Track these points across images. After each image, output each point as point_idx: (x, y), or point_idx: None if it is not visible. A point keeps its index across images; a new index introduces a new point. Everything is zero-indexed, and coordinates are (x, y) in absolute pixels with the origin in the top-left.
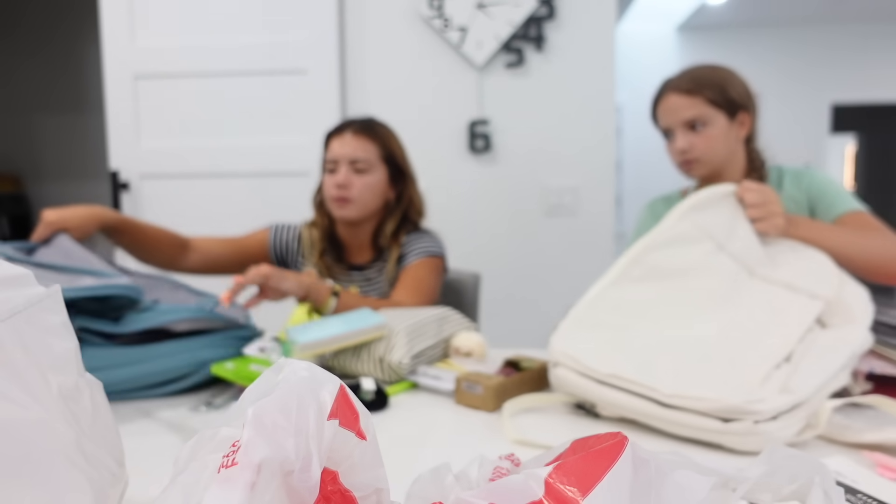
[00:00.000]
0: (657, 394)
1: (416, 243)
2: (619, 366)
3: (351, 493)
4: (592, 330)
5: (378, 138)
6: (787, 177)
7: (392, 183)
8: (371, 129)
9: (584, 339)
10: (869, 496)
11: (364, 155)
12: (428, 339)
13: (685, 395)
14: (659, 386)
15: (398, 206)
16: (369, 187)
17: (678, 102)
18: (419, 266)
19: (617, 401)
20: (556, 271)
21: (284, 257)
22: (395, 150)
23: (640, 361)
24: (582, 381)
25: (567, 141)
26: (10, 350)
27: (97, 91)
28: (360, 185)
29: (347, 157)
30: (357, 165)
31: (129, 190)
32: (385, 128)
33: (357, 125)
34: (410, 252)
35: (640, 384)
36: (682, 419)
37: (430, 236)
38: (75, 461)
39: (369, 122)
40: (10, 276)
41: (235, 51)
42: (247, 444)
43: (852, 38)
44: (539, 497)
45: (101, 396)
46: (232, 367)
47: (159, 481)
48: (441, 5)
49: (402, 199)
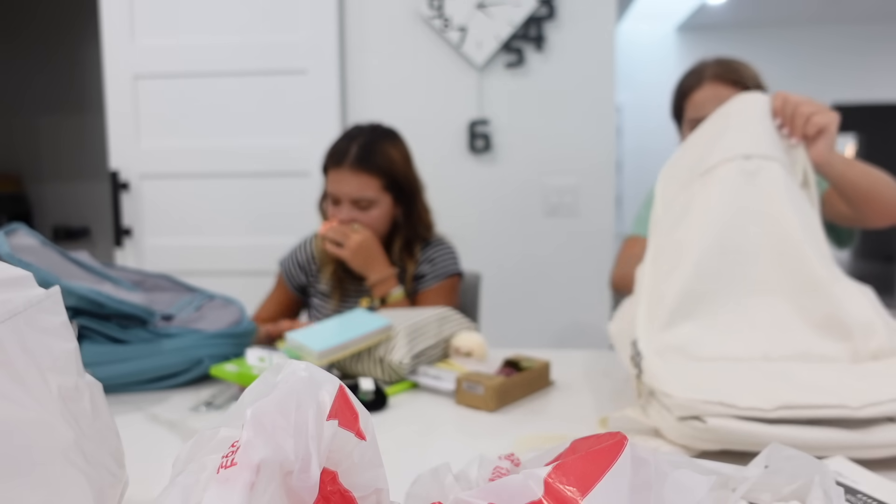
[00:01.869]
0: (846, 410)
1: (432, 263)
2: (774, 393)
3: (350, 494)
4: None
5: (377, 169)
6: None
7: (398, 203)
8: (369, 159)
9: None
10: (869, 496)
11: (367, 193)
12: (428, 339)
13: (876, 402)
14: (842, 400)
15: (406, 223)
16: (375, 221)
17: (723, 94)
18: (436, 293)
19: (797, 438)
20: (556, 271)
21: (304, 286)
22: (399, 173)
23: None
24: (747, 427)
25: (567, 141)
26: (10, 351)
27: (97, 91)
28: (365, 221)
29: (350, 197)
30: (360, 204)
31: (129, 190)
32: (385, 151)
33: (354, 158)
34: (428, 275)
35: (820, 406)
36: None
37: (445, 249)
38: (75, 461)
39: (368, 150)
40: (10, 278)
41: (235, 51)
42: (246, 445)
43: (852, 39)
44: (538, 497)
45: (100, 397)
46: (234, 370)
47: (159, 481)
48: (441, 5)
49: (411, 216)
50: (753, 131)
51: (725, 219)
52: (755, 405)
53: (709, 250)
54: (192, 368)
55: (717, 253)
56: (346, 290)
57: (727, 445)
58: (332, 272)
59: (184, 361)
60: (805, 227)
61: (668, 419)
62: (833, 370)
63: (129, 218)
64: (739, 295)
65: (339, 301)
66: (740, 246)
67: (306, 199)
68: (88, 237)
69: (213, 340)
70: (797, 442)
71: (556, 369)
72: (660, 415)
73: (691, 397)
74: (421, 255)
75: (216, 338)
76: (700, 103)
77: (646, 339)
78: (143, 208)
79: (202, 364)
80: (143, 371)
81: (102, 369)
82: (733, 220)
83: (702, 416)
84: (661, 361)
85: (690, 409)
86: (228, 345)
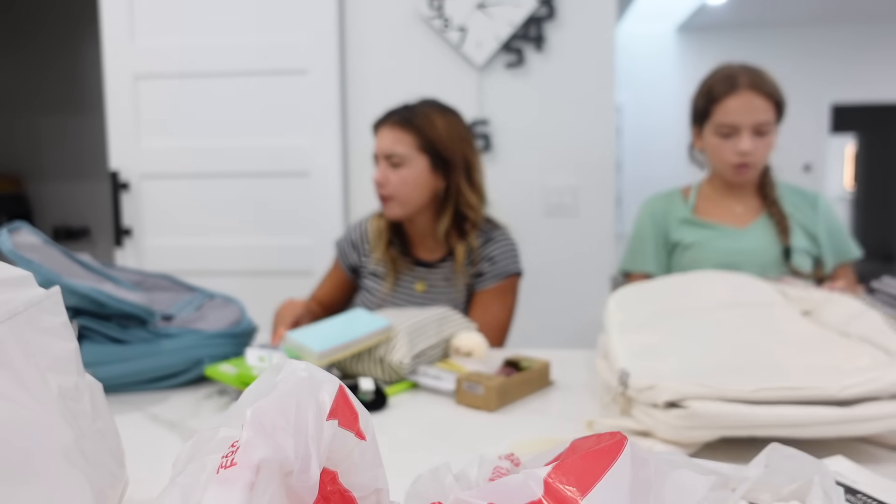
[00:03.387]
0: (828, 390)
1: (492, 261)
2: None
3: (350, 494)
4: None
5: (414, 128)
6: (819, 200)
7: (437, 172)
8: (408, 118)
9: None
10: (869, 496)
11: (398, 149)
12: (428, 339)
13: (858, 382)
14: (821, 382)
15: (448, 199)
16: (405, 182)
17: (757, 104)
18: (495, 294)
19: (782, 416)
20: (556, 271)
21: (357, 267)
22: (437, 138)
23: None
24: (729, 408)
25: (567, 141)
26: (10, 351)
27: (97, 91)
28: (395, 180)
29: (383, 152)
30: (392, 160)
31: (129, 190)
32: (428, 115)
33: (395, 116)
34: (487, 274)
35: (800, 387)
36: (864, 413)
37: (505, 245)
38: (75, 461)
39: (411, 110)
40: (10, 278)
41: (236, 51)
42: (246, 445)
43: (852, 39)
44: (538, 497)
45: (100, 397)
46: (230, 370)
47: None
48: (441, 5)
49: (451, 189)
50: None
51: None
52: (736, 386)
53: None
54: (192, 368)
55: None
56: (400, 272)
57: (715, 431)
58: (384, 252)
59: (184, 361)
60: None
61: (656, 415)
62: (815, 357)
63: (129, 218)
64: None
65: (394, 283)
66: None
67: (306, 199)
68: (88, 237)
69: (213, 340)
70: (783, 421)
71: (556, 369)
72: (646, 414)
73: (673, 383)
74: (481, 250)
75: (216, 338)
76: (733, 110)
77: (626, 356)
78: (143, 208)
79: (202, 364)
80: (143, 371)
81: (102, 369)
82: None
83: (684, 402)
84: (640, 361)
85: (674, 393)
86: (228, 345)
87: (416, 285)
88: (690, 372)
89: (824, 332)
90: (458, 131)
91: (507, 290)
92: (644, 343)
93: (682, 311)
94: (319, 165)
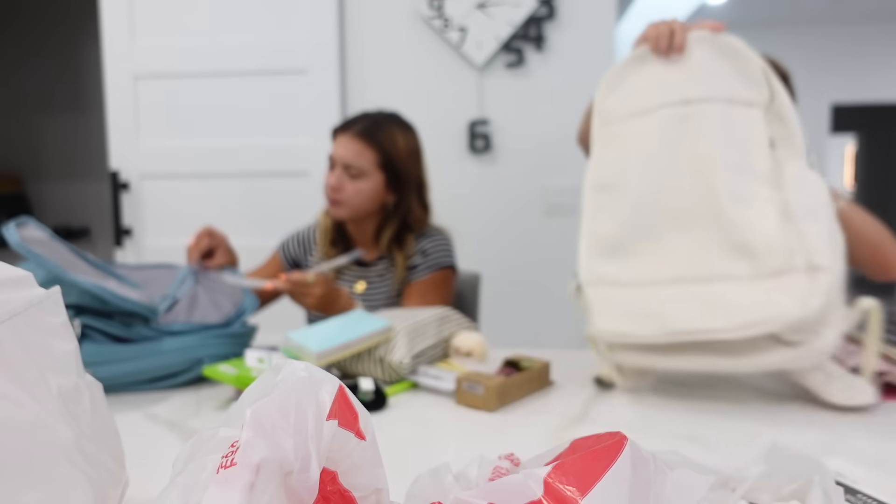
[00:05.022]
0: (721, 333)
1: (425, 254)
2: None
3: (350, 494)
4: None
5: (377, 144)
6: None
7: (390, 188)
8: (372, 133)
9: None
10: (869, 496)
11: (357, 162)
12: (428, 339)
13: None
14: (717, 324)
15: (396, 213)
16: (359, 192)
17: None
18: (427, 285)
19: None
20: (556, 271)
21: (300, 262)
22: (398, 158)
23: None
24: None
25: (567, 141)
26: (10, 351)
27: (97, 91)
28: (350, 190)
29: (342, 161)
30: (350, 171)
31: (129, 190)
32: (391, 132)
33: (359, 128)
34: (420, 266)
35: (699, 331)
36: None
37: (439, 240)
38: (75, 461)
39: (374, 125)
40: (11, 278)
41: (235, 51)
42: (245, 445)
43: (852, 39)
44: (538, 497)
45: (100, 397)
46: (230, 370)
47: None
48: (441, 5)
49: (401, 206)
50: (695, 74)
51: (661, 166)
52: (647, 332)
53: (643, 196)
54: (192, 368)
55: (651, 195)
56: (341, 271)
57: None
58: (327, 249)
59: (184, 361)
60: (731, 164)
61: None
62: (731, 290)
63: (129, 218)
64: (665, 232)
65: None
66: (671, 190)
67: (306, 199)
68: (88, 237)
69: (214, 340)
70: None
71: (556, 369)
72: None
73: (603, 329)
74: (415, 245)
75: (217, 337)
76: None
77: (585, 270)
78: (143, 208)
79: (202, 364)
80: (144, 371)
81: (103, 369)
82: (668, 167)
83: (609, 349)
84: (593, 291)
85: (603, 339)
86: (229, 345)
87: (357, 285)
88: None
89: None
90: (413, 149)
91: (440, 281)
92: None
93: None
94: (319, 165)
